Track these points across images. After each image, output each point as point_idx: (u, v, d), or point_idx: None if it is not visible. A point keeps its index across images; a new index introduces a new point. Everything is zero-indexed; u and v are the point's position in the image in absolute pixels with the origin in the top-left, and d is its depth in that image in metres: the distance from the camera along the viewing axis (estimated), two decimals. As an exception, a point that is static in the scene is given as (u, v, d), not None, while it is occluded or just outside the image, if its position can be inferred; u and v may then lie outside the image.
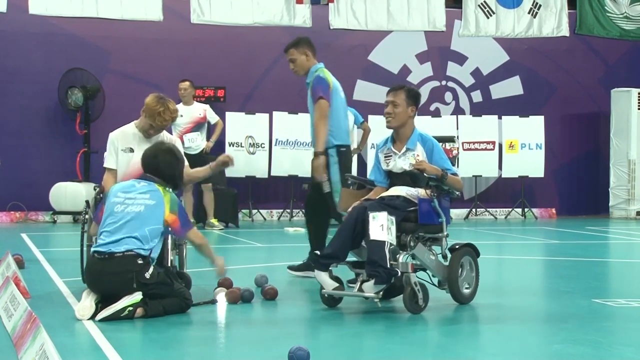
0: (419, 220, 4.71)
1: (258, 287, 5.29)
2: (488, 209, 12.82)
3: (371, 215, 4.55)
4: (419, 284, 4.58)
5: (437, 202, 4.72)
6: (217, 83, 11.98)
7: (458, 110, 13.07)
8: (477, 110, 13.05)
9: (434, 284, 4.96)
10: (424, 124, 11.49)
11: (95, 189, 5.22)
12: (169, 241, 4.83)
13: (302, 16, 11.79)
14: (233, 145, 11.87)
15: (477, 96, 13.24)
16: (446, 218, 4.80)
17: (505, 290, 5.54)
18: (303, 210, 11.27)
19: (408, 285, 4.55)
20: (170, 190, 4.57)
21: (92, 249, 4.55)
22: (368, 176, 5.21)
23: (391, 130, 5.05)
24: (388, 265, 4.47)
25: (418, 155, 4.88)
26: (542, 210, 13.32)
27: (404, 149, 4.99)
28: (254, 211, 12.15)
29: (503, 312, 4.71)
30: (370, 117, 12.24)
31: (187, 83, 10.34)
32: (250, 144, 11.88)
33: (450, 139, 5.25)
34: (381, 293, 4.59)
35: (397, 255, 4.53)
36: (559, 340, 3.89)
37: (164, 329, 4.09)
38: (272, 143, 12.05)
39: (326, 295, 4.74)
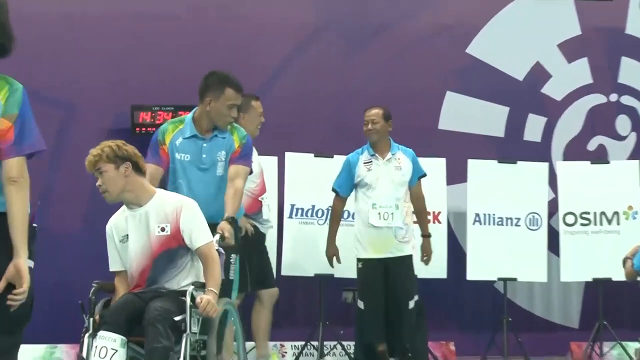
0: None
1: None
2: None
3: None
4: None
5: None
6: (184, 99, 9.25)
7: (641, 150, 11.08)
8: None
9: None
10: (578, 173, 10.42)
11: (93, 285, 5.65)
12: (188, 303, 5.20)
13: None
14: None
15: (678, 123, 11.07)
16: None
17: None
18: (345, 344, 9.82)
19: None
20: (4, 75, 3.87)
21: None
22: None
23: None
24: None
25: None
26: None
27: None
28: (250, 345, 9.11)
29: None
30: (469, 162, 9.90)
31: None
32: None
33: None
34: None
35: None
36: None
37: None
38: (283, 212, 9.68)
39: None
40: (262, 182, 8.56)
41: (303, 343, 9.73)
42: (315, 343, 9.61)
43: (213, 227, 5.85)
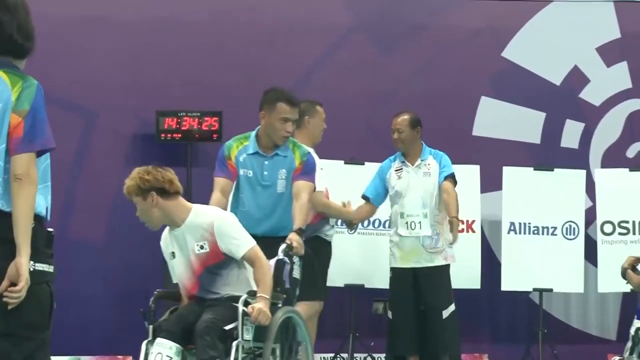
0: None
1: None
2: None
3: None
4: None
5: None
6: (210, 104, 9.62)
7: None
8: None
9: None
10: (617, 180, 10.39)
11: (154, 293, 5.78)
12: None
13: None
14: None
15: None
16: None
17: None
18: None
19: None
20: (21, 71, 3.79)
21: None
22: None
23: None
24: None
25: None
26: None
27: None
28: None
29: None
30: (504, 169, 9.73)
31: None
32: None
33: None
34: None
35: None
36: None
37: None
38: (315, 222, 9.68)
39: None
40: (326, 189, 8.66)
41: (332, 355, 9.71)
42: (345, 355, 9.63)
43: (271, 240, 6.11)
